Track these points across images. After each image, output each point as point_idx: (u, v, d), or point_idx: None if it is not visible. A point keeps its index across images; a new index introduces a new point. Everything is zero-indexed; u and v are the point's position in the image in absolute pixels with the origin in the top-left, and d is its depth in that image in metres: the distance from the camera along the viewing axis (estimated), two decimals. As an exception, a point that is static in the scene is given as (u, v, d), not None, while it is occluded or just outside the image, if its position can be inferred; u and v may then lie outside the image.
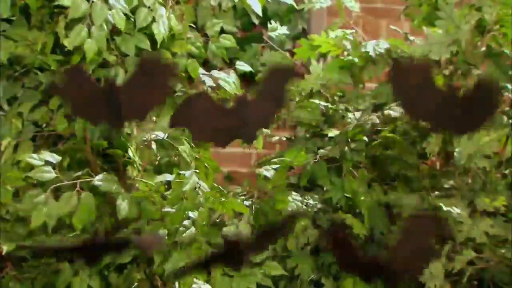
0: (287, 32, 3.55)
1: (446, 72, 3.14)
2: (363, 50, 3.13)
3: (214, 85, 3.13)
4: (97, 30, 2.87)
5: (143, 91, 1.91)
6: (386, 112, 3.06)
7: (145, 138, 2.99)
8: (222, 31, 3.27)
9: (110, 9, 2.88)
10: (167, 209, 2.80)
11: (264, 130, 3.13)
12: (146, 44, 2.97)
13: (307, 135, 3.31)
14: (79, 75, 1.96)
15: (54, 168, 2.79)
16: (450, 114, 2.18)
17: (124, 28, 2.89)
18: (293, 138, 3.41)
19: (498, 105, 2.25)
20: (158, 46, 2.98)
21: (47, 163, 2.78)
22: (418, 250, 1.98)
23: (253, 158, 3.81)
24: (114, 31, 2.97)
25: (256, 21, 3.69)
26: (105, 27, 2.87)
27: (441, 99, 2.26)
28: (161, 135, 3.00)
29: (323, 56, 3.31)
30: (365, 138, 3.08)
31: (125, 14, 2.92)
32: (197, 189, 2.81)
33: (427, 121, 2.23)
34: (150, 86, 1.96)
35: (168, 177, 2.84)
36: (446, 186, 3.03)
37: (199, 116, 1.98)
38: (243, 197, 3.03)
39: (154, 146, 3.03)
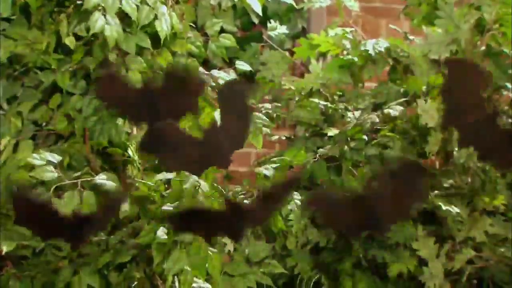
0: (287, 32, 3.52)
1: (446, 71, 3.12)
2: (362, 49, 3.11)
3: (214, 84, 3.11)
4: (112, 19, 2.85)
5: (177, 98, 1.94)
6: (385, 111, 3.05)
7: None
8: (222, 30, 3.24)
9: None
10: (166, 207, 2.78)
11: (264, 129, 3.11)
12: (147, 43, 2.95)
13: (307, 134, 3.30)
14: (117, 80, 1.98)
15: (55, 168, 2.77)
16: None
17: (136, 18, 2.87)
18: (292, 137, 3.40)
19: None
20: (161, 44, 2.96)
21: (49, 162, 2.76)
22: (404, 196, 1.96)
23: (252, 158, 3.79)
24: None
25: (256, 21, 3.66)
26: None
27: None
28: (161, 134, 2.98)
29: (323, 55, 3.30)
30: (365, 137, 3.06)
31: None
32: (196, 188, 2.79)
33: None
34: (182, 95, 1.98)
35: (168, 175, 2.81)
36: (445, 185, 3.03)
37: (169, 146, 1.98)
38: (242, 196, 3.00)
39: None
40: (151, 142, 1.98)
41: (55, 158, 2.79)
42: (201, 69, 3.16)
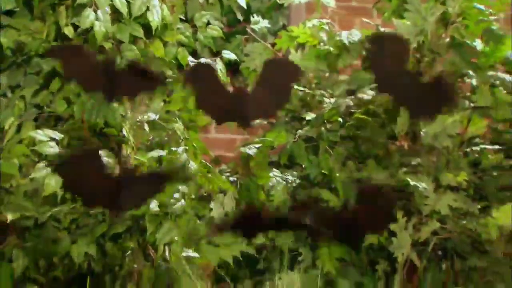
0: (269, 26, 3.58)
1: (414, 60, 3.19)
2: (337, 39, 3.17)
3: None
4: (103, 14, 2.90)
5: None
6: (359, 95, 3.10)
7: (138, 119, 3.03)
8: (209, 24, 3.30)
9: (111, -5, 2.92)
10: (158, 182, 2.83)
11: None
12: (140, 33, 3.00)
13: (287, 119, 3.34)
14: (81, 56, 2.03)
15: (57, 144, 2.82)
16: (414, 95, 2.25)
17: (126, 12, 2.92)
18: (274, 122, 3.44)
19: (452, 101, 2.33)
20: (153, 33, 3.01)
21: (51, 139, 2.82)
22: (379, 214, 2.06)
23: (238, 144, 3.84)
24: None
25: (241, 18, 3.73)
26: (109, 11, 2.90)
27: (409, 80, 2.30)
28: (153, 116, 3.03)
29: (301, 46, 3.34)
30: (340, 120, 3.12)
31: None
32: (186, 165, 2.85)
33: (394, 96, 2.29)
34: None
35: (161, 152, 2.87)
36: (413, 163, 3.07)
37: (205, 87, 2.05)
38: (228, 173, 3.06)
39: (146, 127, 3.06)
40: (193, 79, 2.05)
41: (57, 135, 2.84)
42: (190, 58, 3.23)
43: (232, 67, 3.47)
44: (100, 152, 2.03)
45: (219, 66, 3.23)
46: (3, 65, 3.16)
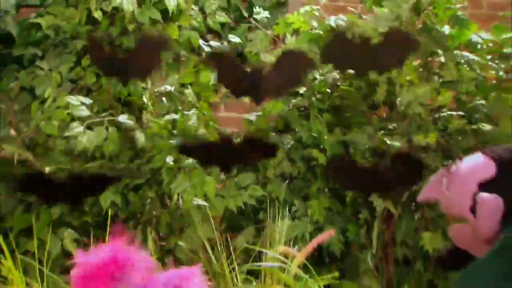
0: (269, 16, 3.67)
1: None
2: (326, 23, 3.25)
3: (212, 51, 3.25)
4: None
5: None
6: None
7: (156, 91, 3.12)
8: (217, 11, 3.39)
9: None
10: (172, 141, 2.92)
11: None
12: (158, 16, 3.09)
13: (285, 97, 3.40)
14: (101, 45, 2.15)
15: (87, 108, 2.91)
16: (367, 61, 2.41)
17: None
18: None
19: (410, 50, 2.49)
20: (169, 18, 3.11)
21: (82, 103, 2.91)
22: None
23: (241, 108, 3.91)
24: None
25: (246, 15, 3.81)
26: None
27: (358, 51, 2.48)
28: (169, 88, 3.13)
29: (296, 31, 3.42)
30: (328, 91, 3.20)
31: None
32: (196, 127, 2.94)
33: (352, 69, 2.49)
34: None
35: (174, 116, 2.96)
36: (390, 127, 3.14)
37: (226, 66, 2.17)
38: (229, 130, 3.14)
39: (164, 98, 3.15)
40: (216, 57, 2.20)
41: (87, 101, 2.94)
42: (201, 40, 3.32)
43: (237, 51, 3.55)
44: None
45: (226, 48, 3.32)
46: (43, 45, 3.26)
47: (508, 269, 1.56)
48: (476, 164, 1.70)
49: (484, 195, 1.64)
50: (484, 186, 1.66)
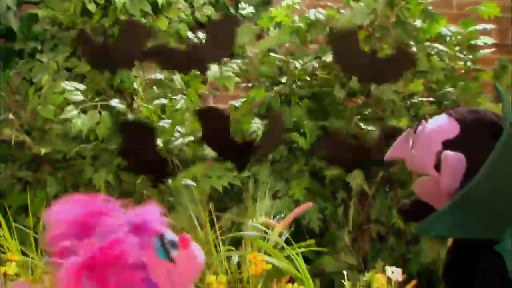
0: (253, 11, 3.63)
1: (367, 33, 3.24)
2: (306, 15, 3.22)
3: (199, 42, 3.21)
4: None
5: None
6: (322, 59, 3.14)
7: (147, 78, 3.08)
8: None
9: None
10: (162, 124, 2.88)
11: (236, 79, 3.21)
12: (148, 8, 3.05)
13: (267, 84, 3.37)
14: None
15: (81, 94, 2.87)
16: (372, 70, 2.42)
17: None
18: (256, 85, 3.47)
19: (408, 68, 2.54)
20: (159, 10, 3.06)
21: (77, 89, 2.87)
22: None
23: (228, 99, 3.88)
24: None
25: (233, 11, 3.77)
26: None
27: (366, 59, 2.51)
28: (159, 76, 3.09)
29: (279, 24, 3.38)
30: (308, 79, 3.16)
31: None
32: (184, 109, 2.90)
33: (357, 76, 2.51)
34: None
35: (163, 101, 2.92)
36: (365, 112, 3.12)
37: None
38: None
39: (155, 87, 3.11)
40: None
41: (81, 86, 2.90)
42: (189, 32, 3.27)
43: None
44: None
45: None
46: (40, 36, 3.21)
47: (463, 220, 1.55)
48: (440, 125, 1.69)
49: (448, 153, 1.62)
50: (448, 145, 1.64)
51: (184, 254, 1.39)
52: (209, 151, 2.94)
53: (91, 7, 3.03)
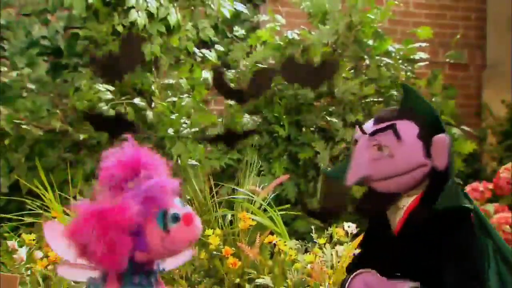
0: (245, 33, 3.64)
1: (331, 49, 3.26)
2: (284, 35, 3.23)
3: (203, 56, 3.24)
4: (141, 13, 2.96)
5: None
6: (297, 68, 3.15)
7: (162, 82, 3.08)
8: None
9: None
10: (173, 116, 2.89)
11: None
12: (163, 29, 3.05)
13: (255, 88, 3.38)
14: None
15: (110, 93, 2.86)
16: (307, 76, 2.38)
17: (155, 13, 2.97)
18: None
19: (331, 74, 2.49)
20: (171, 31, 3.07)
21: (107, 90, 2.86)
22: None
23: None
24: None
25: (229, 34, 3.77)
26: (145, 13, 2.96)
27: (305, 69, 2.46)
28: (171, 81, 3.09)
29: (264, 42, 3.39)
30: (286, 83, 3.17)
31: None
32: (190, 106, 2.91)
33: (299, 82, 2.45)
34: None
35: (173, 98, 2.92)
36: (330, 110, 3.13)
37: None
38: (215, 113, 3.11)
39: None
40: None
41: (110, 88, 2.90)
42: (195, 48, 3.28)
43: (222, 59, 3.51)
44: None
45: (213, 54, 3.29)
46: (80, 52, 3.21)
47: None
48: (399, 127, 1.43)
49: (436, 137, 1.42)
50: (421, 135, 1.43)
51: (182, 229, 1.34)
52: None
53: (119, 28, 3.04)
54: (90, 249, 1.31)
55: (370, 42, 3.30)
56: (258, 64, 3.28)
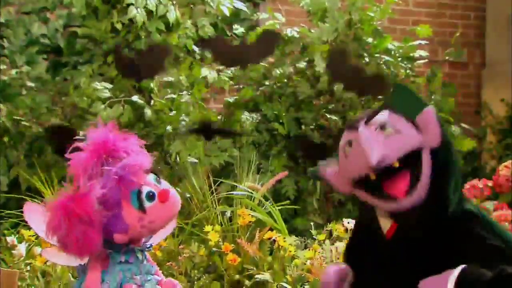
0: (244, 31, 3.64)
1: (331, 47, 3.27)
2: (284, 33, 3.24)
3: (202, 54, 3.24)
4: (140, 10, 2.96)
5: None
6: (296, 65, 3.16)
7: (161, 80, 3.08)
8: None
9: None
10: (171, 114, 2.88)
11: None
12: (162, 26, 3.05)
13: (254, 86, 3.38)
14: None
15: (109, 91, 2.87)
16: (357, 84, 2.27)
17: (154, 11, 2.97)
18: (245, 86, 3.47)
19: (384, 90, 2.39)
20: (170, 29, 3.07)
21: (105, 87, 2.87)
22: None
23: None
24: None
25: (228, 33, 3.78)
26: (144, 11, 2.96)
27: (354, 73, 2.33)
28: (170, 78, 3.09)
29: (263, 40, 3.38)
30: (285, 81, 3.18)
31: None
32: (189, 104, 2.91)
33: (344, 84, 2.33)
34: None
35: (173, 96, 2.92)
36: (329, 107, 3.14)
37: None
38: (214, 110, 3.11)
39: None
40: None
41: (109, 86, 2.90)
42: (194, 46, 3.28)
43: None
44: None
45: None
46: (80, 49, 3.22)
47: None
48: (385, 119, 1.37)
49: (426, 109, 1.35)
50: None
51: (158, 206, 1.33)
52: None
53: (118, 26, 3.04)
54: (63, 242, 1.31)
55: (370, 40, 3.29)
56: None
